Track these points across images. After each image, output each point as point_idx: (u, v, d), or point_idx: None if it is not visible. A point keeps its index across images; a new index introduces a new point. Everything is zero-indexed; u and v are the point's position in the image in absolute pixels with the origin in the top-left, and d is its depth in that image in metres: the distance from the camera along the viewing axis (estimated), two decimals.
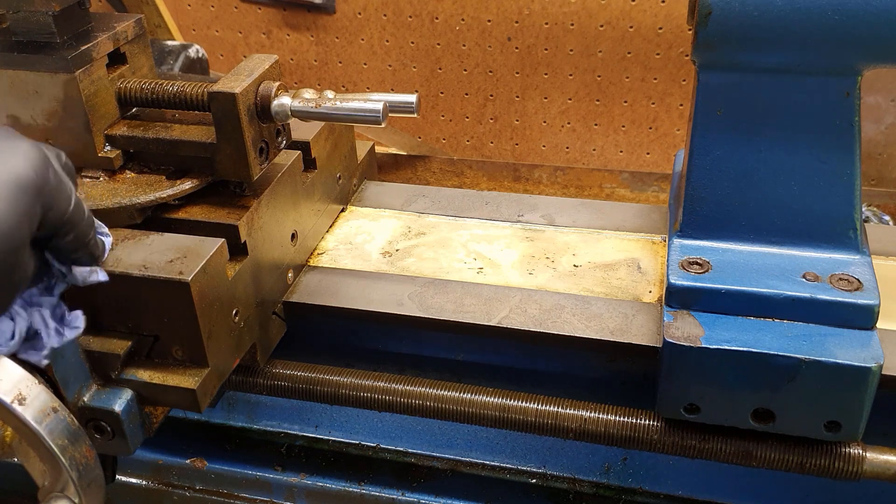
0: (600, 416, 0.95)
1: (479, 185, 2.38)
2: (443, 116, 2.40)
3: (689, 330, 0.86)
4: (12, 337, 0.74)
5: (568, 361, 1.06)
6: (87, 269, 0.79)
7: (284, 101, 0.92)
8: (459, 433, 1.20)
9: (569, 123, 2.31)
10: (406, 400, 1.00)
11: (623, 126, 2.28)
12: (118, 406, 0.85)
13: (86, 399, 0.85)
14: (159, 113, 1.00)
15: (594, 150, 2.34)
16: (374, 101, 0.91)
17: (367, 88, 2.40)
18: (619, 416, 0.95)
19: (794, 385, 0.83)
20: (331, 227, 1.18)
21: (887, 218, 2.01)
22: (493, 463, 1.20)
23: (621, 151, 2.32)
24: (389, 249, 1.13)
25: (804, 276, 0.88)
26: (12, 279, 0.67)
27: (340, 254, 1.13)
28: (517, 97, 2.30)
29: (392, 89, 2.38)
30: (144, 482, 1.33)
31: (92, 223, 0.77)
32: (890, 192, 2.13)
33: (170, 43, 2.10)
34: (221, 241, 0.87)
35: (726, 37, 0.83)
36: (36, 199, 0.66)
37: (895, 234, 1.16)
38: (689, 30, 0.86)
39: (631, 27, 2.11)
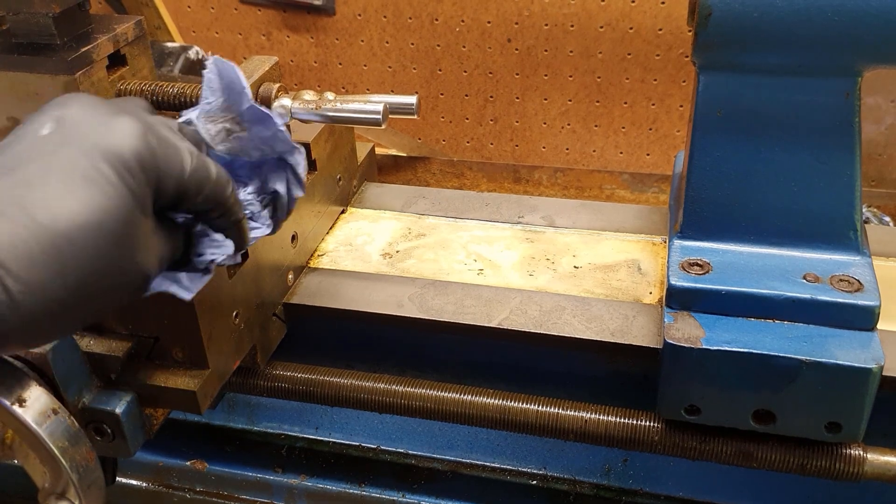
0: (601, 417, 0.95)
1: (480, 187, 2.38)
2: (443, 118, 2.40)
3: (689, 331, 0.86)
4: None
5: (568, 362, 1.06)
6: (228, 247, 0.74)
7: (284, 102, 0.92)
8: (460, 435, 1.20)
9: (569, 125, 2.31)
10: (406, 401, 1.00)
11: (623, 127, 2.27)
12: (119, 408, 0.85)
13: (86, 401, 0.85)
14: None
15: (594, 151, 2.34)
16: (375, 103, 0.91)
17: (367, 90, 2.40)
18: (620, 418, 0.95)
19: (794, 386, 0.83)
20: (331, 228, 1.18)
21: (888, 219, 2.01)
22: (493, 464, 1.20)
23: (621, 153, 2.32)
24: (390, 251, 1.13)
25: (804, 277, 0.88)
26: (135, 258, 0.62)
27: (340, 255, 1.13)
28: (517, 98, 2.30)
29: (392, 91, 2.38)
30: (145, 484, 1.33)
31: (227, 182, 0.70)
32: (890, 193, 2.13)
33: (170, 45, 2.11)
34: None
35: (726, 38, 0.83)
36: (139, 171, 0.61)
37: (895, 235, 1.16)
38: (689, 31, 0.86)
39: (631, 28, 2.11)
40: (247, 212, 0.77)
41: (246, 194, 0.78)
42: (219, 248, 0.73)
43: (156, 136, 0.64)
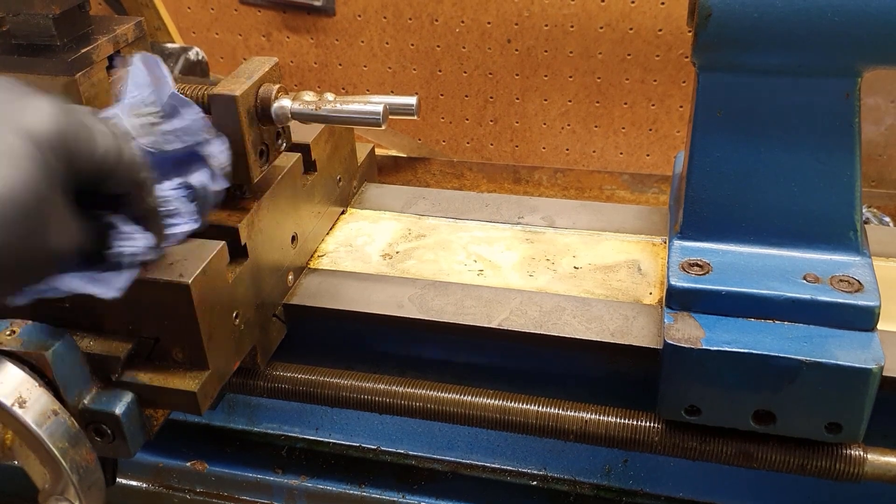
0: (601, 417, 0.95)
1: (480, 187, 2.38)
2: (443, 118, 2.40)
3: (689, 331, 0.86)
4: None
5: (568, 363, 1.06)
6: (144, 241, 0.73)
7: (285, 103, 0.92)
8: (460, 435, 1.20)
9: (569, 125, 2.31)
10: (406, 402, 1.00)
11: (623, 128, 2.27)
12: (119, 409, 0.85)
13: (86, 402, 0.85)
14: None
15: (594, 151, 2.34)
16: (375, 104, 0.91)
17: (367, 91, 2.40)
18: (620, 418, 0.95)
19: (794, 386, 0.83)
20: (331, 229, 1.18)
21: (888, 219, 2.01)
22: (493, 465, 1.20)
23: (621, 153, 2.32)
24: (390, 251, 1.13)
25: (805, 278, 0.88)
26: (46, 236, 0.61)
27: (341, 256, 1.13)
28: (517, 99, 2.30)
29: (392, 91, 2.38)
30: (145, 485, 1.33)
31: (142, 164, 0.70)
32: (890, 194, 2.13)
33: (170, 45, 2.11)
34: (222, 243, 0.87)
35: (726, 38, 0.83)
36: (53, 148, 0.61)
37: (895, 236, 1.16)
38: (689, 31, 0.86)
39: (631, 29, 2.11)
40: (171, 206, 0.77)
41: (169, 189, 0.78)
42: (132, 241, 0.72)
43: (72, 115, 0.64)
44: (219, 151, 0.80)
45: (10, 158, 0.58)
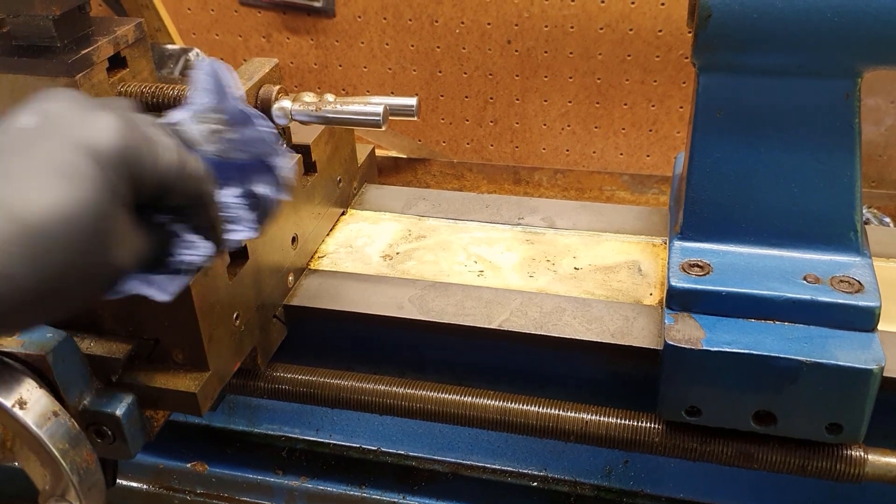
0: (601, 418, 0.95)
1: (480, 188, 2.38)
2: (443, 119, 2.40)
3: (690, 332, 0.86)
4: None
5: (568, 364, 1.06)
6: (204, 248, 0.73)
7: (285, 104, 0.92)
8: (460, 436, 1.20)
9: (569, 126, 2.31)
10: (407, 403, 1.00)
11: (623, 128, 2.28)
12: (119, 410, 0.85)
13: (86, 403, 0.85)
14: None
15: (594, 152, 2.34)
16: (375, 105, 0.91)
17: (367, 92, 2.40)
18: (620, 419, 0.95)
19: (795, 387, 0.83)
20: (331, 230, 1.18)
21: (888, 220, 2.01)
22: (494, 466, 1.20)
23: (621, 154, 2.32)
24: (390, 252, 1.13)
25: (805, 278, 0.88)
26: (109, 253, 0.61)
27: (341, 257, 1.13)
28: (517, 100, 2.31)
29: (392, 92, 2.38)
30: (145, 486, 1.33)
31: (206, 176, 0.70)
32: (890, 194, 2.13)
33: (170, 47, 2.11)
34: None
35: (726, 39, 0.83)
36: (118, 165, 0.61)
37: (895, 236, 1.16)
38: (689, 32, 0.86)
39: (630, 30, 2.11)
40: (231, 213, 0.77)
41: (231, 196, 0.78)
42: (194, 250, 0.72)
43: (136, 130, 0.64)
44: (286, 164, 0.80)
45: (72, 179, 0.58)
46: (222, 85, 0.76)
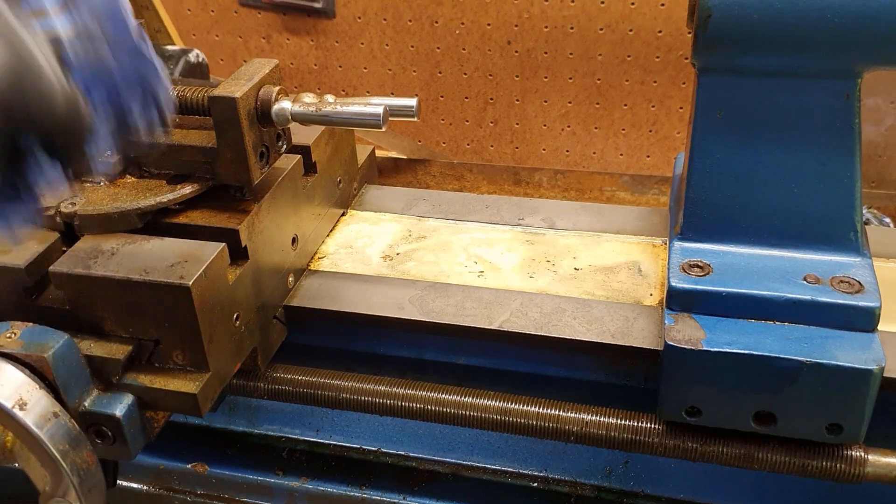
0: (601, 419, 0.95)
1: (480, 189, 2.38)
2: (443, 120, 2.40)
3: (690, 333, 0.86)
4: None
5: (569, 365, 1.06)
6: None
7: (285, 105, 0.92)
8: (461, 437, 1.20)
9: (569, 126, 2.31)
10: (407, 404, 1.00)
11: (623, 129, 2.28)
12: (119, 411, 0.85)
13: (87, 404, 0.85)
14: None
15: (594, 153, 2.34)
16: (375, 105, 0.91)
17: (368, 92, 2.40)
18: (621, 420, 0.95)
19: (795, 387, 0.83)
20: (331, 231, 1.18)
21: (888, 220, 2.01)
22: (494, 466, 1.20)
23: (621, 154, 2.32)
24: (390, 253, 1.13)
25: (805, 279, 0.88)
26: None
27: (341, 258, 1.13)
28: (517, 100, 2.31)
29: (392, 93, 2.38)
30: (145, 487, 1.33)
31: (75, 97, 0.66)
32: (890, 194, 2.13)
33: (170, 48, 2.11)
34: (222, 245, 0.87)
35: (726, 40, 0.83)
36: None
37: (895, 237, 1.16)
38: (689, 33, 0.86)
39: (630, 30, 2.11)
40: (96, 142, 0.71)
41: (100, 124, 0.71)
42: (44, 176, 0.66)
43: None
44: (167, 97, 0.75)
45: None
46: (113, 8, 0.71)
